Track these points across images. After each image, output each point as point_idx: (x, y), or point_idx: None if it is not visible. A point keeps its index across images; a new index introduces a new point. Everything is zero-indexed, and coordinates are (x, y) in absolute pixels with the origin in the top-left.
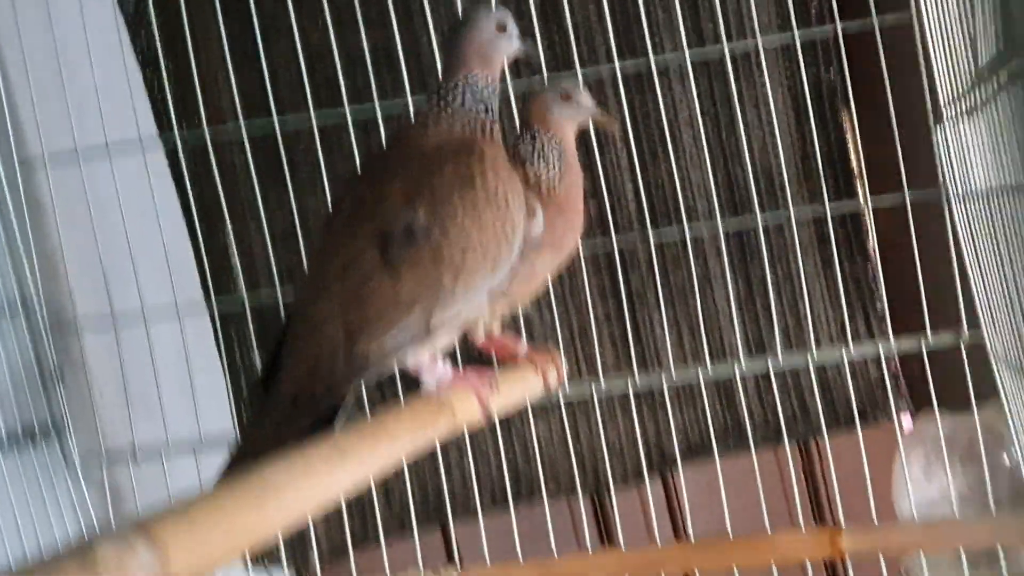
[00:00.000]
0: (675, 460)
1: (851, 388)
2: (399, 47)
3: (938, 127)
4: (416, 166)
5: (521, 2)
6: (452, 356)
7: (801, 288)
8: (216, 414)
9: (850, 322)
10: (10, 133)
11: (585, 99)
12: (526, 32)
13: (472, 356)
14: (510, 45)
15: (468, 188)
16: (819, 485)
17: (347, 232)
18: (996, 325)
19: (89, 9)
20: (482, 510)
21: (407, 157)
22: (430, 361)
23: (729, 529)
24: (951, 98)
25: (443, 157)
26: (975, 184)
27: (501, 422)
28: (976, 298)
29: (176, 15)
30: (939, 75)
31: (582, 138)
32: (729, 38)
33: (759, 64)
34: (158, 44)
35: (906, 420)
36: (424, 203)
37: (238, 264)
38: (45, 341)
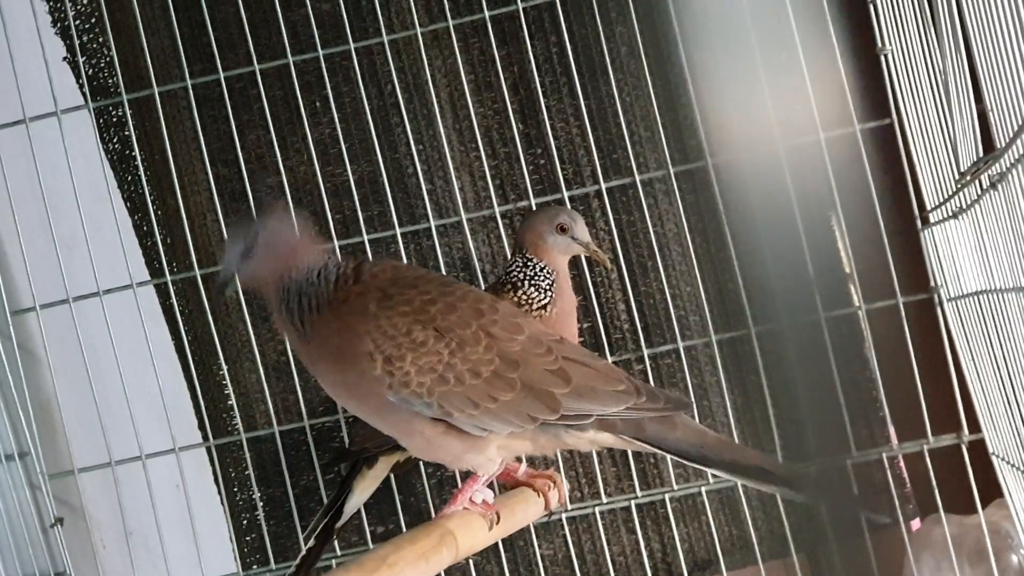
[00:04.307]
0: None
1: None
2: (384, 177)
3: (926, 230)
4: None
5: (504, 126)
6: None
7: (798, 395)
8: (218, 555)
9: (852, 427)
10: (1, 287)
11: (581, 232)
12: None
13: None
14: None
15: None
16: None
17: None
18: (996, 424)
19: (75, 155)
20: None
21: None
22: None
23: None
24: (937, 202)
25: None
26: (966, 286)
27: (505, 543)
28: (974, 398)
29: (162, 157)
30: (923, 179)
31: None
32: (712, 153)
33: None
34: (145, 186)
35: (914, 524)
36: None
37: (234, 399)
38: (44, 489)
